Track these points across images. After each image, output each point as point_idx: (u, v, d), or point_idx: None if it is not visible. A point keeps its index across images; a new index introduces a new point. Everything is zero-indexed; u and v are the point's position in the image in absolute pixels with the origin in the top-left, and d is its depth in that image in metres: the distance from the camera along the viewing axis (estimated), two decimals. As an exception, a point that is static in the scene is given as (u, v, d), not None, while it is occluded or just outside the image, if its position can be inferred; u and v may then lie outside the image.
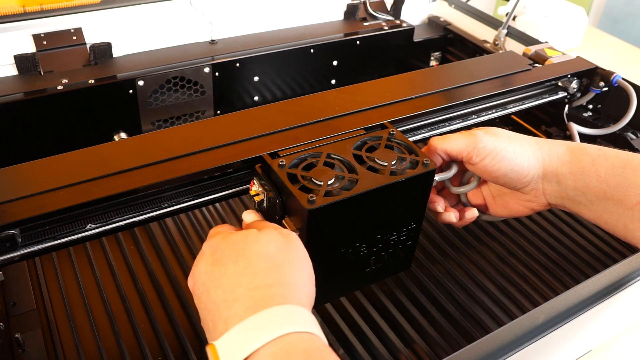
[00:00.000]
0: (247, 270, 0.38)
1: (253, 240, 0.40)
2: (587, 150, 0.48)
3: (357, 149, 0.48)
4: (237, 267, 0.39)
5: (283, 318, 0.35)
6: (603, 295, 0.52)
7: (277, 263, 0.39)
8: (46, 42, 0.70)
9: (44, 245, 0.43)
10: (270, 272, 0.38)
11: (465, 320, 0.56)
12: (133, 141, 0.51)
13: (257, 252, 0.39)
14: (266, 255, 0.39)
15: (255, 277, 0.38)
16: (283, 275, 0.38)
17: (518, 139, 0.49)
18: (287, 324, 0.34)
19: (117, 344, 0.53)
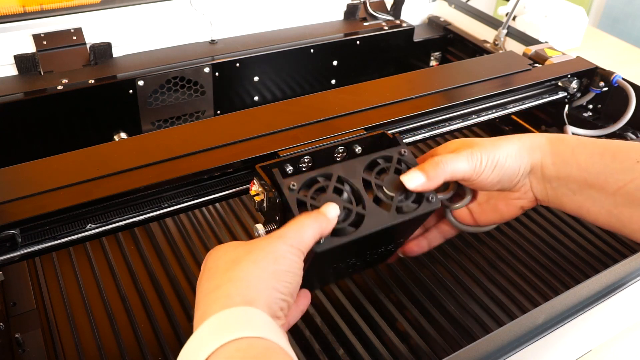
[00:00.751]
0: (211, 275, 0.39)
1: (232, 247, 0.41)
2: (566, 140, 0.49)
3: (368, 168, 0.47)
4: (208, 273, 0.39)
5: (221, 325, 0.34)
6: (603, 295, 0.52)
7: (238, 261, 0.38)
8: (46, 42, 0.70)
9: (44, 245, 0.43)
10: (227, 272, 0.38)
11: (465, 320, 0.56)
12: (133, 141, 0.51)
13: (227, 257, 0.39)
14: (232, 258, 0.39)
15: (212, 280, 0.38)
16: (237, 271, 0.37)
17: (501, 143, 0.50)
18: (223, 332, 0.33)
19: (117, 344, 0.53)
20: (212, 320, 0.34)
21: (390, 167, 0.47)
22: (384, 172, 0.47)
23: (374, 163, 0.47)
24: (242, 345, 0.33)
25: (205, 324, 0.34)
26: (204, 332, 0.34)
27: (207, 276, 0.39)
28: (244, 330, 0.33)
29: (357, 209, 0.44)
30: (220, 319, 0.34)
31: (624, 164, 0.46)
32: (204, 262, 0.41)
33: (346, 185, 0.46)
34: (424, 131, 0.60)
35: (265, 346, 0.33)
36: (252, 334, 0.33)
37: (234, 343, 0.33)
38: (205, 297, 0.37)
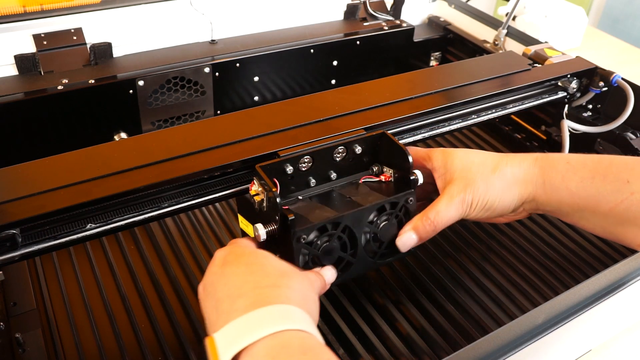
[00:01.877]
0: (259, 272, 0.40)
1: (270, 255, 0.43)
2: (556, 166, 0.49)
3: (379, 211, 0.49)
4: (248, 268, 0.40)
5: (281, 315, 0.36)
6: (603, 295, 0.52)
7: (288, 273, 0.41)
8: (46, 42, 0.70)
9: (44, 245, 0.43)
10: (281, 278, 0.40)
11: (465, 320, 0.56)
12: (133, 141, 0.51)
13: (272, 263, 0.42)
14: (280, 266, 0.42)
15: (265, 277, 0.39)
16: (292, 282, 0.40)
17: (492, 177, 0.50)
18: (284, 321, 0.35)
19: (117, 344, 0.53)
20: (275, 308, 0.36)
21: (392, 215, 0.50)
22: (385, 217, 0.50)
23: (382, 208, 0.49)
24: (300, 334, 0.35)
25: (267, 310, 0.36)
26: (263, 315, 0.36)
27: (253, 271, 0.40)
28: (303, 324, 0.36)
29: (348, 258, 0.49)
30: (283, 309, 0.36)
31: (615, 184, 0.46)
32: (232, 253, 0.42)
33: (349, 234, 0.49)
34: (424, 131, 0.60)
35: (320, 341, 0.36)
36: (310, 330, 0.36)
37: (293, 332, 0.35)
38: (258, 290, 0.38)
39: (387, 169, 0.52)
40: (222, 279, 0.40)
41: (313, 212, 0.48)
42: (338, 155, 0.51)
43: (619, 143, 0.71)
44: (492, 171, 0.51)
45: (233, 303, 0.37)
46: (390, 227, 0.50)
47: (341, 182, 0.53)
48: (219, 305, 0.38)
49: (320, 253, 0.47)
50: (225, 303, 0.38)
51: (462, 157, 0.52)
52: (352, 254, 0.49)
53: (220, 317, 0.37)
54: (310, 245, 0.46)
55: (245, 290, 0.38)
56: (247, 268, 0.40)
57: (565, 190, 0.48)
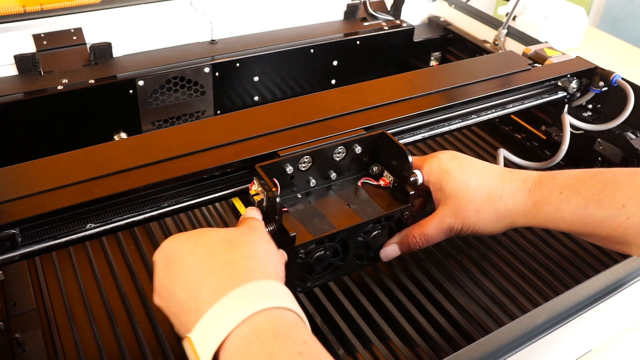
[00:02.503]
0: (206, 255, 0.37)
1: (212, 230, 0.40)
2: (549, 199, 0.49)
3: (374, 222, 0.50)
4: (194, 257, 0.38)
5: (250, 296, 0.34)
6: (603, 295, 0.52)
7: (238, 242, 0.38)
8: (46, 42, 0.70)
9: (44, 245, 0.43)
10: (231, 251, 0.37)
11: (465, 320, 0.56)
12: (133, 141, 0.51)
13: (216, 238, 0.39)
14: (225, 238, 0.39)
15: (215, 259, 0.37)
16: (245, 251, 0.38)
17: (484, 207, 0.51)
18: (254, 302, 0.33)
19: (117, 344, 0.53)
20: (239, 291, 0.34)
21: (385, 227, 0.51)
22: (379, 227, 0.50)
23: (377, 220, 0.50)
24: (272, 315, 0.33)
25: (231, 295, 0.34)
26: (230, 302, 0.34)
27: (202, 257, 0.37)
28: (272, 301, 0.34)
29: (338, 263, 0.50)
30: (247, 290, 0.34)
31: (610, 210, 0.46)
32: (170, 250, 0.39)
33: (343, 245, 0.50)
34: (424, 131, 0.60)
35: (293, 318, 0.34)
36: (281, 305, 0.34)
37: (264, 313, 0.33)
38: (216, 273, 0.36)
39: (387, 173, 0.53)
40: (174, 280, 0.38)
41: (312, 221, 0.48)
42: (338, 155, 0.51)
43: (619, 143, 0.70)
44: (486, 201, 0.51)
45: (197, 297, 0.35)
46: (382, 236, 0.51)
47: (340, 182, 0.53)
48: (184, 305, 0.36)
49: (314, 260, 0.48)
50: (189, 301, 0.36)
51: (457, 178, 0.51)
52: (342, 259, 0.50)
53: (190, 316, 0.35)
54: (306, 255, 0.47)
55: (202, 280, 0.36)
56: (193, 257, 0.38)
57: (560, 220, 0.48)
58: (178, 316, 0.37)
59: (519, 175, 0.51)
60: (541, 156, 0.80)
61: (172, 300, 0.38)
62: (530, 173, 0.51)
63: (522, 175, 0.51)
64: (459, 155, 0.53)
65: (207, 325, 0.33)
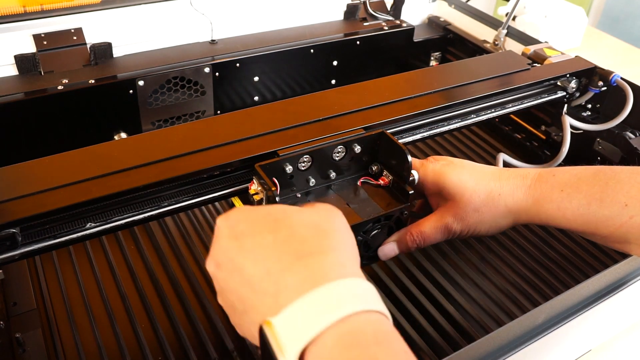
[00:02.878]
0: (292, 238, 0.34)
1: (294, 210, 0.37)
2: (550, 197, 0.49)
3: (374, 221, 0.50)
4: (277, 236, 0.35)
5: (348, 294, 0.31)
6: (603, 295, 0.52)
7: (325, 230, 0.36)
8: (46, 42, 0.70)
9: (44, 244, 0.43)
10: (320, 239, 0.35)
11: (465, 320, 0.56)
12: (133, 140, 0.51)
13: (301, 221, 0.36)
14: (312, 223, 0.36)
15: (303, 244, 0.34)
16: (335, 240, 0.35)
17: (485, 209, 0.50)
18: (353, 301, 0.31)
19: (117, 344, 0.53)
20: (337, 286, 0.31)
21: (384, 226, 0.51)
22: (378, 227, 0.50)
23: (376, 219, 0.50)
24: (372, 318, 0.31)
25: (328, 288, 0.31)
26: (324, 297, 0.31)
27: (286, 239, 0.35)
28: (372, 303, 0.31)
29: None
30: (347, 287, 0.32)
31: (612, 209, 0.46)
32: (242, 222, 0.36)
33: None
34: (423, 130, 0.60)
35: (391, 325, 0.32)
36: (378, 309, 0.32)
37: (363, 314, 0.31)
38: (305, 260, 0.33)
39: (386, 173, 0.53)
40: (246, 255, 0.34)
41: None
42: (337, 154, 0.51)
43: (618, 142, 0.70)
44: (485, 200, 0.50)
45: (278, 280, 0.32)
46: (381, 235, 0.51)
47: (340, 182, 0.53)
48: (256, 284, 0.33)
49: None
50: (266, 281, 0.33)
51: (454, 180, 0.50)
52: None
53: (264, 298, 0.32)
54: None
55: (287, 264, 0.33)
56: (274, 237, 0.34)
57: (562, 218, 0.48)
58: (243, 293, 0.34)
59: (517, 172, 0.51)
60: (541, 156, 0.80)
61: (238, 275, 0.35)
62: (529, 170, 0.51)
63: (520, 172, 0.51)
64: (454, 160, 0.53)
65: (297, 315, 0.30)
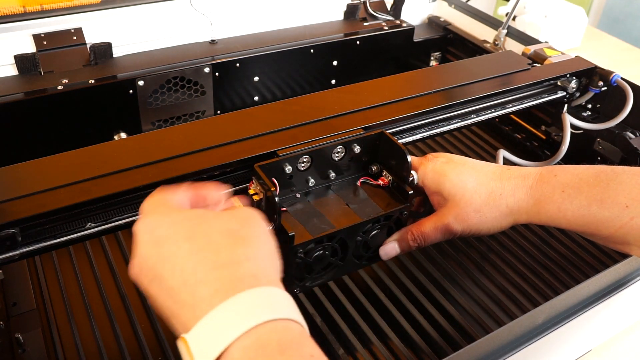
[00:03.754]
0: (207, 247, 0.35)
1: (212, 216, 0.37)
2: (551, 197, 0.49)
3: (373, 221, 0.50)
4: (193, 245, 0.35)
5: (255, 305, 0.32)
6: (603, 295, 0.52)
7: (241, 237, 0.36)
8: (46, 42, 0.70)
9: (44, 244, 0.43)
10: (236, 248, 0.35)
11: (465, 320, 0.56)
12: (132, 140, 0.51)
13: (218, 228, 0.36)
14: (229, 230, 0.36)
15: (218, 254, 0.35)
16: (249, 249, 0.36)
17: (486, 208, 0.50)
18: (259, 312, 0.32)
19: (117, 344, 0.53)
20: (243, 298, 0.32)
21: (384, 226, 0.51)
22: (378, 227, 0.50)
23: (376, 219, 0.49)
24: (278, 326, 0.32)
25: (234, 301, 0.32)
26: (234, 308, 0.32)
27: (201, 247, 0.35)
28: (277, 311, 0.32)
29: (337, 263, 0.49)
30: (252, 298, 0.33)
31: (612, 210, 0.46)
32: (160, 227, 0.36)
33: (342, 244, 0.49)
34: (423, 130, 0.60)
35: (299, 330, 0.33)
36: (286, 316, 0.32)
37: (269, 324, 0.32)
38: (218, 272, 0.34)
39: (386, 173, 0.53)
40: (164, 263, 0.35)
41: (311, 221, 0.48)
42: (337, 154, 0.51)
43: (618, 142, 0.70)
44: (486, 200, 0.50)
45: (194, 292, 0.33)
46: (380, 235, 0.51)
47: (339, 182, 0.53)
48: (177, 295, 0.34)
49: (313, 260, 0.47)
50: (183, 293, 0.34)
51: (454, 180, 0.50)
52: (341, 259, 0.50)
53: (183, 309, 0.33)
54: (305, 254, 0.47)
55: (201, 275, 0.34)
56: (190, 246, 0.35)
57: (562, 219, 0.48)
58: (164, 302, 0.35)
59: (518, 172, 0.51)
60: (541, 156, 0.80)
61: (158, 284, 0.35)
62: (530, 169, 0.51)
63: (521, 172, 0.51)
64: (454, 157, 0.52)
65: (206, 330, 0.32)
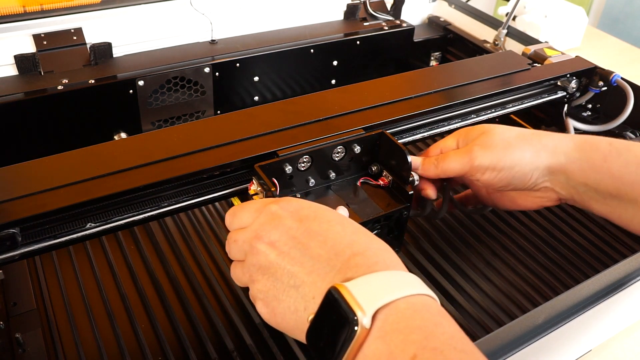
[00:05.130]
0: (360, 231, 0.37)
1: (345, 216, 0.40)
2: (597, 145, 0.45)
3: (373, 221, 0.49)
4: (345, 228, 0.37)
5: (412, 280, 0.34)
6: (603, 295, 0.52)
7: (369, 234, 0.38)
8: (46, 42, 0.70)
9: (44, 244, 0.43)
10: (371, 238, 0.37)
11: (466, 320, 0.56)
12: (133, 140, 0.51)
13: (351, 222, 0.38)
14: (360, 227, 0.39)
15: (372, 240, 0.37)
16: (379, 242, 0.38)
17: (516, 144, 0.47)
18: (417, 285, 0.33)
19: (117, 344, 0.53)
20: (407, 275, 0.34)
21: (384, 226, 0.50)
22: (378, 227, 0.50)
23: (376, 219, 0.49)
24: (435, 303, 0.33)
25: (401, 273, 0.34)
26: (396, 276, 0.34)
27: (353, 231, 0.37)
28: (432, 293, 0.34)
29: None
30: (406, 275, 0.34)
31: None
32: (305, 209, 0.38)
33: None
34: (423, 130, 0.60)
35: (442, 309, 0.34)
36: (433, 295, 0.34)
37: (428, 298, 0.33)
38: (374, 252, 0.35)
39: (386, 173, 0.53)
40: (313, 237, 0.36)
41: None
42: (337, 154, 0.51)
43: (618, 143, 0.71)
44: (516, 137, 0.47)
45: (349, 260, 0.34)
46: (381, 235, 0.51)
47: (340, 182, 0.53)
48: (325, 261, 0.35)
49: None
50: (334, 260, 0.35)
51: (483, 125, 0.49)
52: None
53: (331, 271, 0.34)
54: None
55: (359, 248, 0.35)
56: (343, 227, 0.37)
57: (606, 172, 0.44)
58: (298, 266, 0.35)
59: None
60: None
61: (300, 251, 0.36)
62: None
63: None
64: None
65: (371, 285, 0.32)
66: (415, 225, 0.68)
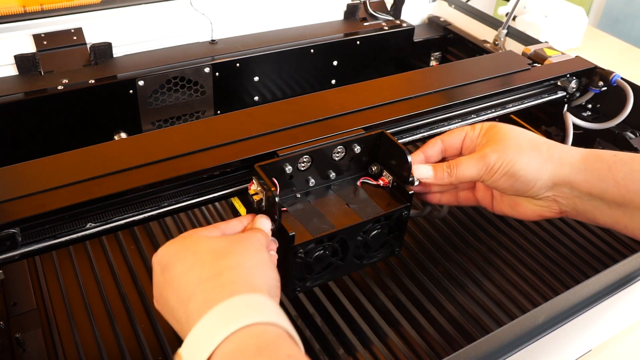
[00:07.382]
0: (195, 264, 0.38)
1: (205, 239, 0.40)
2: (602, 156, 0.46)
3: (374, 221, 0.49)
4: (184, 265, 0.38)
5: (234, 312, 0.34)
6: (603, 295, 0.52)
7: (225, 251, 0.38)
8: (46, 42, 0.70)
9: (44, 244, 0.43)
10: (218, 261, 0.37)
11: (465, 320, 0.56)
12: (133, 140, 0.51)
13: (206, 247, 0.39)
14: (215, 248, 0.39)
15: (203, 269, 0.37)
16: (231, 260, 0.38)
17: (526, 148, 0.48)
18: (237, 318, 0.33)
19: (117, 344, 0.53)
20: (223, 307, 0.34)
21: (384, 226, 0.50)
22: (378, 227, 0.50)
23: (376, 219, 0.49)
24: (255, 331, 0.33)
25: (215, 310, 0.34)
26: (214, 318, 0.34)
27: (191, 265, 0.38)
28: (255, 316, 0.34)
29: (337, 263, 0.49)
30: (231, 305, 0.34)
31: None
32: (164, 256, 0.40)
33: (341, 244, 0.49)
34: (423, 130, 0.60)
35: (277, 333, 0.34)
36: (264, 320, 0.34)
37: (248, 329, 0.33)
38: (203, 285, 0.36)
39: (386, 173, 0.53)
40: (167, 287, 0.38)
41: (311, 221, 0.48)
42: (337, 154, 0.51)
43: (618, 142, 0.71)
44: (528, 142, 0.47)
45: (186, 309, 0.36)
46: (381, 235, 0.51)
47: (340, 182, 0.53)
48: (175, 313, 0.37)
49: (313, 260, 0.47)
50: (180, 310, 0.36)
51: (499, 125, 0.49)
52: (341, 259, 0.50)
53: (181, 326, 0.36)
54: (305, 254, 0.47)
55: (191, 290, 0.36)
56: (183, 265, 0.38)
57: (611, 180, 0.44)
58: (172, 324, 0.38)
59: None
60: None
61: (166, 307, 0.38)
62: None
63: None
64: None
65: (193, 341, 0.34)
66: (415, 225, 0.68)
